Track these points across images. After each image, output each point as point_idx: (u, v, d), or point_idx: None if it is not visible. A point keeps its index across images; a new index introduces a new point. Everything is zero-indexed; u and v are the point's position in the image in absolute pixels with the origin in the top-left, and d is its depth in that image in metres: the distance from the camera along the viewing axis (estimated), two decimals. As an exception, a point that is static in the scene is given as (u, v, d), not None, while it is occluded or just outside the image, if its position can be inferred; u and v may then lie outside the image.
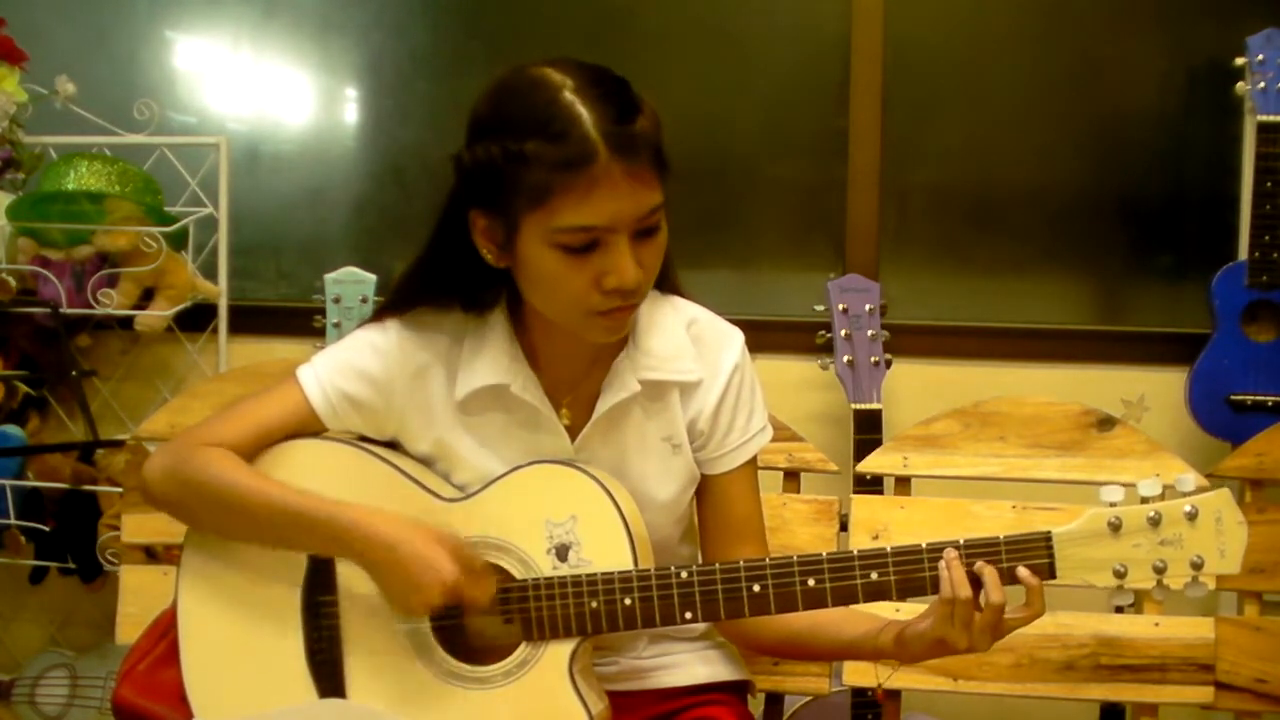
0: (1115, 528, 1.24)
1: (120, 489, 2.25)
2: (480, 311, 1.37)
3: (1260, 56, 2.26)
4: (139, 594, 1.70)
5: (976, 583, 1.25)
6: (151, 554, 1.74)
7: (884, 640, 1.34)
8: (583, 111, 1.18)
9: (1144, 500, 1.25)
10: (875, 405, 2.21)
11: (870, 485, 1.85)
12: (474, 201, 1.26)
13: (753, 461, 1.43)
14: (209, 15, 2.76)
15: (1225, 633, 1.58)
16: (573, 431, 1.36)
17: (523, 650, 1.31)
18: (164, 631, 1.43)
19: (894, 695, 1.65)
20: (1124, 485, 1.26)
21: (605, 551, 1.29)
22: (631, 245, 1.22)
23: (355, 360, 1.38)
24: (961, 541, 1.26)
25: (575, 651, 1.30)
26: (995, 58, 2.61)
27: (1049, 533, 1.26)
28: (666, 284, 1.41)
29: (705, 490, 1.44)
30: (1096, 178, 2.57)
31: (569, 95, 1.20)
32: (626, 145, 1.18)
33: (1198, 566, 1.24)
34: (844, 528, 1.68)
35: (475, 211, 1.27)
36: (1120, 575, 1.25)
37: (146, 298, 2.41)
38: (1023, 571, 1.25)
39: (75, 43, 2.73)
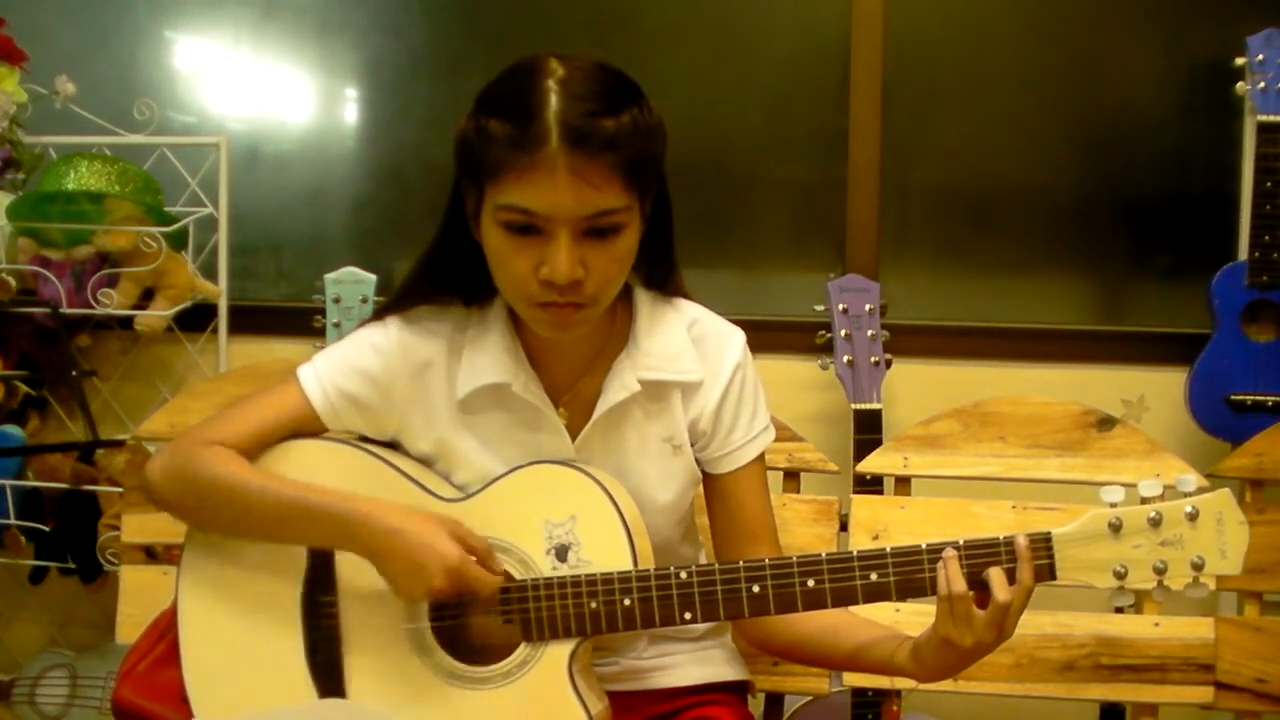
0: (1116, 528, 1.24)
1: (120, 489, 2.25)
2: (480, 305, 1.38)
3: (1260, 56, 2.25)
4: (139, 594, 1.70)
5: (980, 586, 1.25)
6: (151, 554, 1.74)
7: (900, 659, 1.33)
8: (553, 100, 1.19)
9: (1144, 501, 1.25)
10: (875, 405, 2.21)
11: (870, 485, 1.84)
12: (460, 171, 1.29)
13: (759, 460, 1.44)
14: (209, 15, 2.75)
15: (1225, 633, 1.58)
16: (573, 431, 1.36)
17: (522, 650, 1.31)
18: (164, 631, 1.43)
19: (894, 695, 1.65)
20: (1124, 485, 1.26)
21: (604, 552, 1.29)
22: (575, 242, 1.22)
23: (356, 359, 1.38)
24: (961, 542, 1.26)
25: (575, 652, 1.30)
26: (995, 58, 2.60)
27: (1049, 533, 1.26)
28: (670, 286, 1.41)
29: (713, 490, 1.44)
30: (1096, 178, 2.57)
31: (550, 83, 1.21)
32: (582, 139, 1.18)
33: (1198, 567, 1.23)
34: (844, 528, 1.68)
35: (464, 182, 1.29)
36: (1121, 576, 1.25)
37: (146, 298, 2.41)
38: (993, 574, 1.24)
39: (75, 43, 2.73)
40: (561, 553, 1.30)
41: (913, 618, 1.57)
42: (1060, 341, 2.49)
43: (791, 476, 1.69)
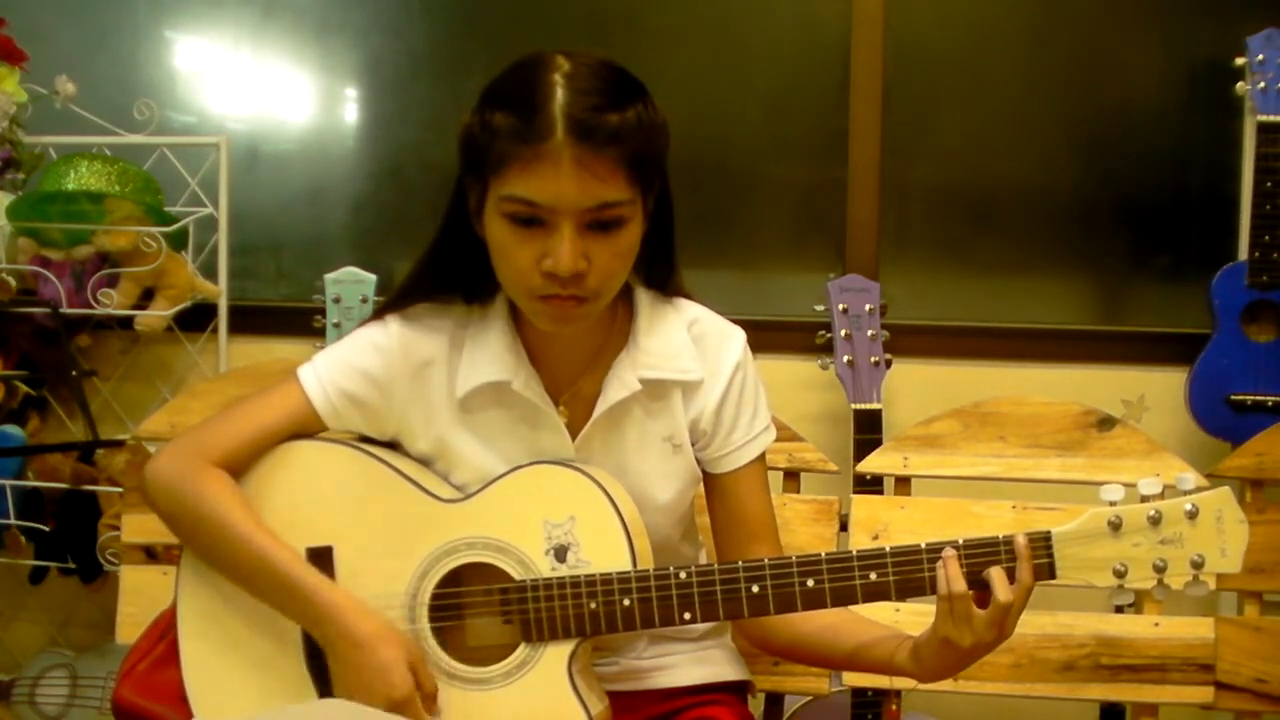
0: (1115, 527, 1.24)
1: (120, 489, 2.25)
2: (481, 303, 1.38)
3: (1260, 56, 2.25)
4: (139, 594, 1.70)
5: (979, 585, 1.25)
6: (151, 554, 1.74)
7: (900, 658, 1.33)
8: (558, 93, 1.20)
9: (1144, 499, 1.25)
10: (875, 405, 2.20)
11: (870, 485, 1.84)
12: (464, 167, 1.29)
13: (761, 460, 1.44)
14: (209, 15, 2.76)
15: (1225, 633, 1.58)
16: (573, 430, 1.36)
17: (522, 651, 1.31)
18: (164, 631, 1.43)
19: (894, 695, 1.65)
20: (1124, 485, 1.26)
21: (604, 552, 1.29)
22: (579, 235, 1.22)
23: (356, 359, 1.38)
24: (960, 541, 1.26)
25: (574, 652, 1.30)
26: (995, 58, 2.61)
27: (1048, 532, 1.26)
28: (670, 286, 1.41)
29: (714, 490, 1.44)
30: (1096, 177, 2.57)
31: (556, 77, 1.21)
32: (587, 132, 1.19)
33: (1198, 565, 1.23)
34: (844, 528, 1.68)
35: (467, 177, 1.29)
36: (1120, 574, 1.25)
37: (146, 298, 2.41)
38: (994, 573, 1.25)
39: (75, 43, 2.73)
40: (560, 553, 1.30)
41: (913, 618, 1.57)
42: (1060, 341, 2.49)
43: (791, 476, 1.69)
